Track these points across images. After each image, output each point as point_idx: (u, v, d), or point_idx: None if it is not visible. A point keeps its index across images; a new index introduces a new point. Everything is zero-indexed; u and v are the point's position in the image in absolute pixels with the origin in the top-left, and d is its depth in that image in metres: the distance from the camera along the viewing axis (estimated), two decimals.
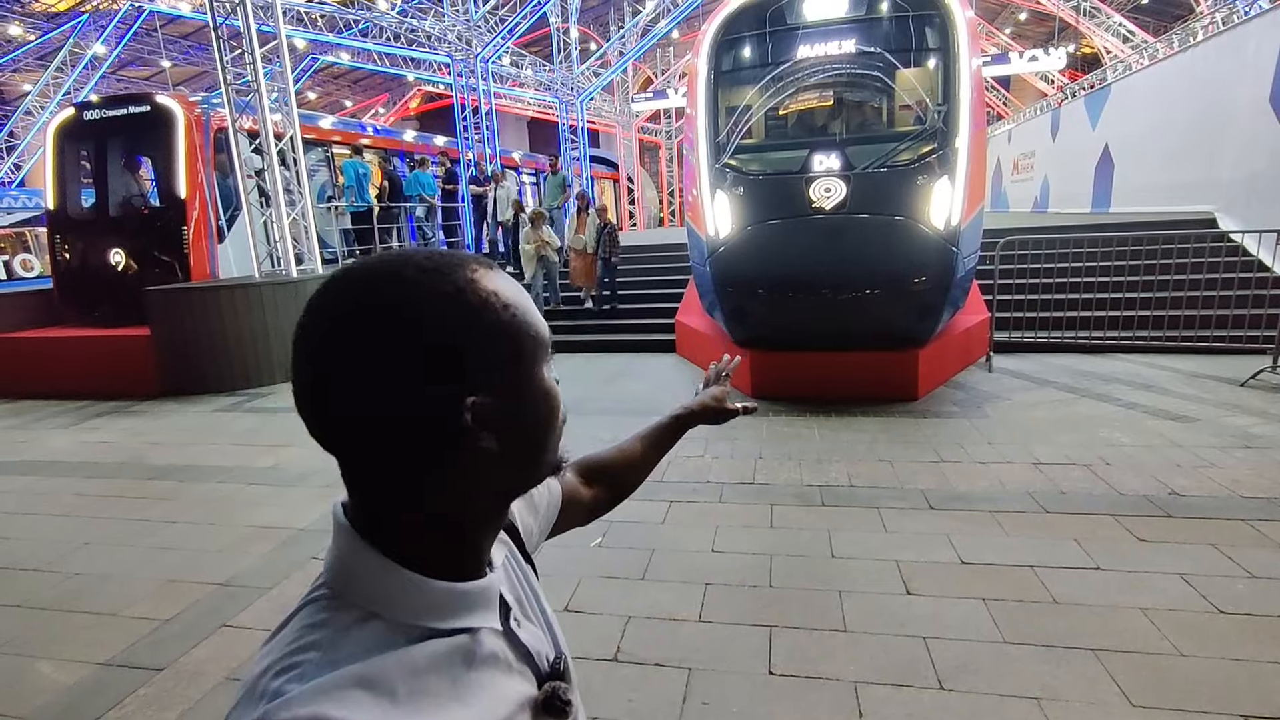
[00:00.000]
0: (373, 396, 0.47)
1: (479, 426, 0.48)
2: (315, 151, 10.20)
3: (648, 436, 1.03)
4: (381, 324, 0.47)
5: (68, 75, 16.51)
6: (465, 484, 0.51)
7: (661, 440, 1.04)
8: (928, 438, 4.50)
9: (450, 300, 0.48)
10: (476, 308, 0.49)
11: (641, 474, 1.02)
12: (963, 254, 5.20)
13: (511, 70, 18.32)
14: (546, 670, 0.59)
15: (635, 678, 2.30)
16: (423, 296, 0.47)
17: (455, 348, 0.48)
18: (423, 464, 0.49)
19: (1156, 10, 23.71)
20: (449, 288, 0.48)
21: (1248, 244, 6.73)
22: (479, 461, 0.50)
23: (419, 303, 0.47)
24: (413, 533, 0.52)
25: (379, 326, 0.47)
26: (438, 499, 0.51)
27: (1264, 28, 7.70)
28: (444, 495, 0.51)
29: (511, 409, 0.51)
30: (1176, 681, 2.14)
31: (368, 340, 0.46)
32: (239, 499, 4.08)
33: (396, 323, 0.47)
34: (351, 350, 0.47)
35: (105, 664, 2.53)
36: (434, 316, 0.47)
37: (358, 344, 0.47)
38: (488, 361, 0.49)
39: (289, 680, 0.44)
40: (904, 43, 5.66)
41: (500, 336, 0.50)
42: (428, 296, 0.47)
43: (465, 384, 0.48)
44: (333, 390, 0.48)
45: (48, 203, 8.63)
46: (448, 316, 0.48)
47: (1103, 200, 11.85)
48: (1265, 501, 3.32)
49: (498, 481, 0.54)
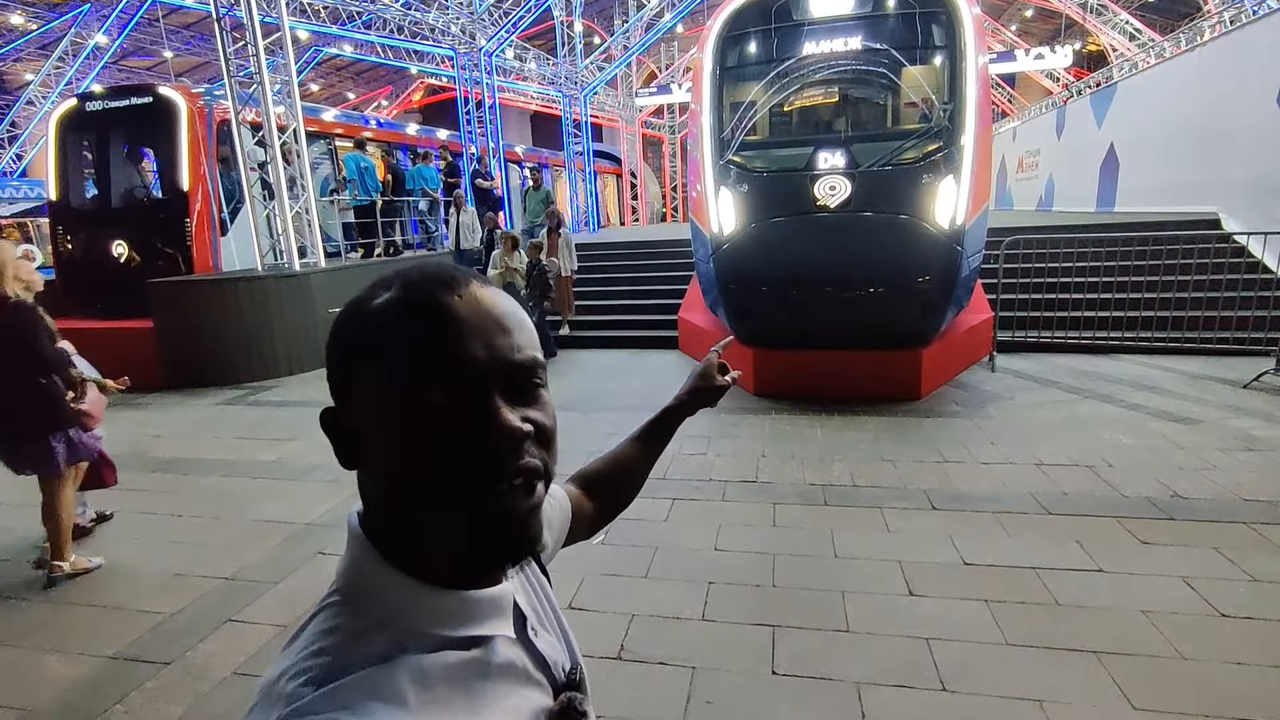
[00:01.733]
0: (338, 386, 0.53)
1: (359, 436, 0.51)
2: (318, 144, 10.17)
3: (641, 436, 1.03)
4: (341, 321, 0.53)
5: (70, 65, 16.46)
6: (376, 488, 0.53)
7: (656, 437, 1.03)
8: (930, 437, 4.50)
9: (373, 303, 0.51)
10: (376, 313, 0.50)
11: (640, 477, 1.01)
12: (967, 253, 5.19)
13: (515, 64, 18.24)
14: (562, 680, 0.59)
15: (639, 676, 2.32)
16: (368, 296, 0.52)
17: (348, 349, 0.51)
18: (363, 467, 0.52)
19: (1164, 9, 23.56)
20: (382, 292, 0.51)
21: (1252, 246, 6.72)
22: (379, 473, 0.52)
23: (363, 300, 0.52)
24: (418, 542, 0.52)
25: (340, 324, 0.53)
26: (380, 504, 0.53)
27: (1272, 28, 7.66)
28: (377, 500, 0.53)
29: (374, 427, 0.50)
30: (1178, 685, 2.15)
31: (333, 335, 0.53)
32: (244, 493, 4.09)
33: (343, 315, 0.52)
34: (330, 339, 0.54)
35: (112, 657, 2.54)
36: (356, 318, 0.51)
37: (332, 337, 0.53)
38: (364, 372, 0.50)
39: (303, 685, 0.45)
40: (910, 40, 5.63)
41: (370, 350, 0.50)
42: (369, 297, 0.52)
43: (352, 387, 0.51)
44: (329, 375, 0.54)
45: (50, 194, 8.61)
46: (361, 320, 0.51)
47: (1108, 199, 11.82)
48: (1267, 505, 3.32)
49: (390, 494, 0.52)
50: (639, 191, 24.68)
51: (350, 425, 0.52)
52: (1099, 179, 12.19)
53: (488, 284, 0.53)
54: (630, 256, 10.62)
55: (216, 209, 8.28)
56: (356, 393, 0.51)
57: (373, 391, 0.49)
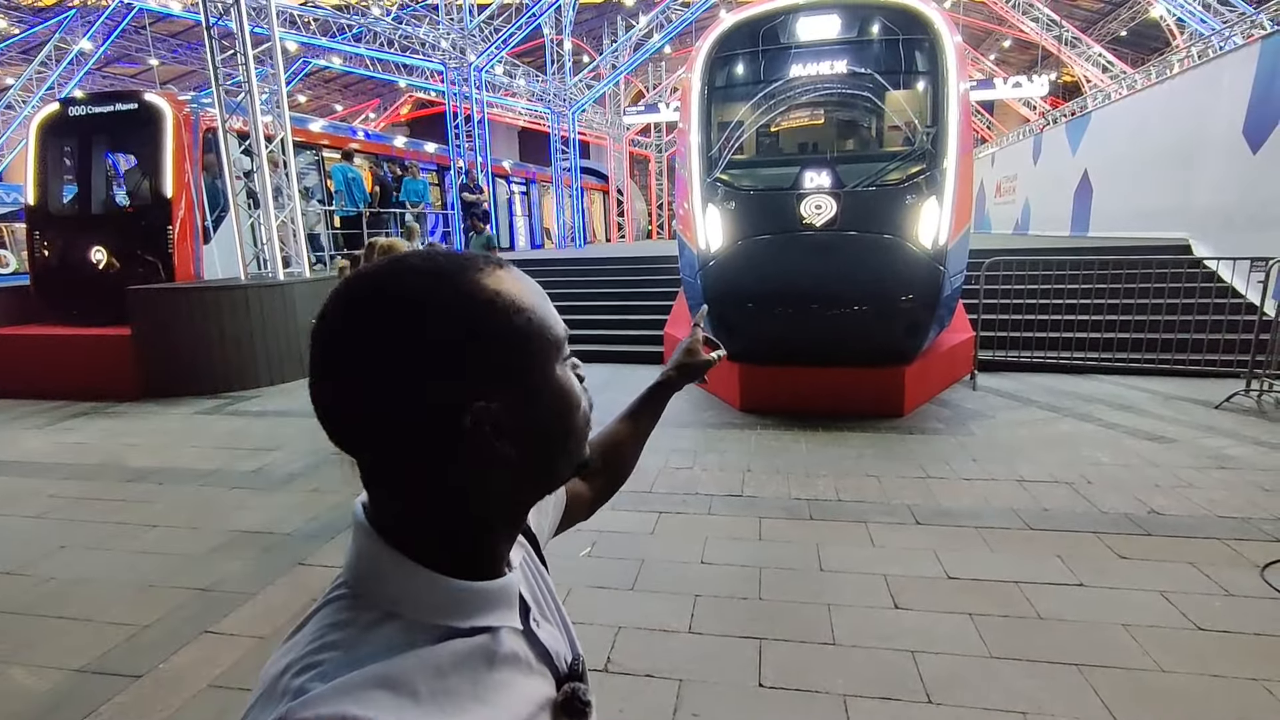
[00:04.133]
0: (376, 389, 0.47)
1: (488, 430, 0.49)
2: (304, 155, 10.14)
3: (633, 412, 1.04)
4: (387, 313, 0.47)
5: (52, 70, 16.29)
6: (478, 487, 0.51)
7: (646, 412, 1.04)
8: (914, 454, 4.55)
9: (458, 300, 0.48)
10: (484, 309, 0.49)
11: (634, 455, 1.02)
12: (949, 273, 5.29)
13: (504, 80, 18.38)
14: (565, 671, 0.59)
15: (626, 688, 2.29)
16: (432, 293, 0.48)
17: (459, 348, 0.48)
18: (431, 465, 0.49)
19: (1135, 43, 24.45)
20: (460, 287, 0.49)
21: (1221, 271, 6.92)
22: (491, 464, 0.50)
23: (426, 298, 0.48)
24: (431, 533, 0.52)
25: (385, 316, 0.47)
26: (452, 501, 0.51)
27: (1238, 62, 7.97)
28: (457, 497, 0.51)
29: (523, 412, 0.51)
30: (1158, 696, 2.18)
31: (373, 329, 0.47)
32: (221, 503, 4.01)
33: (402, 314, 0.47)
34: (357, 339, 0.48)
35: (80, 670, 2.46)
36: (439, 313, 0.48)
37: (365, 333, 0.47)
38: (493, 364, 0.49)
39: (311, 679, 0.44)
40: (894, 65, 5.78)
41: (508, 340, 0.50)
42: (437, 293, 0.48)
43: (469, 385, 0.48)
44: (339, 380, 0.49)
45: (28, 198, 8.47)
46: (454, 315, 0.48)
47: (1081, 224, 12.12)
48: (1240, 521, 3.40)
49: (514, 484, 0.53)
50: (625, 208, 24.86)
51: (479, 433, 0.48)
52: (1073, 204, 12.51)
53: None
54: (616, 272, 10.66)
55: (200, 217, 8.20)
56: (486, 386, 0.49)
57: (539, 377, 0.53)
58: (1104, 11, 24.00)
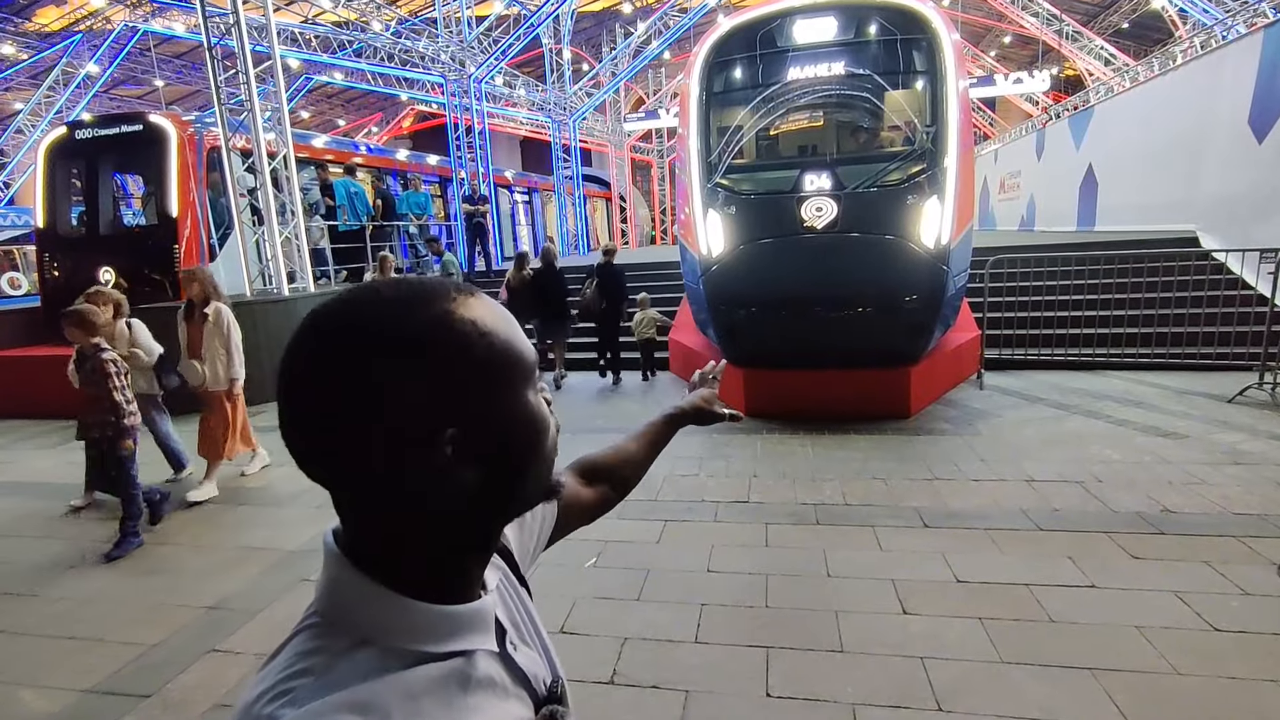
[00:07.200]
0: (343, 419, 0.47)
1: (459, 458, 0.49)
2: (308, 170, 10.23)
3: (643, 435, 1.07)
4: (355, 344, 0.47)
5: (60, 94, 16.51)
6: (448, 512, 0.51)
7: (656, 439, 1.09)
8: (920, 455, 4.51)
9: (428, 329, 0.48)
10: (454, 338, 0.48)
11: (640, 471, 1.06)
12: (953, 272, 5.26)
13: (505, 90, 18.49)
14: (544, 694, 0.59)
15: (632, 700, 2.27)
16: (402, 322, 0.48)
17: (428, 377, 0.47)
18: (401, 493, 0.49)
19: (1137, 35, 24.30)
20: (424, 316, 0.48)
21: (1230, 263, 6.84)
22: (462, 491, 0.50)
23: (396, 328, 0.47)
24: (402, 558, 0.52)
25: (353, 346, 0.47)
26: (421, 526, 0.51)
27: (1241, 51, 7.89)
28: (427, 523, 0.51)
29: (494, 439, 0.51)
30: (1174, 700, 2.14)
31: (340, 360, 0.47)
32: (227, 520, 4.03)
33: (370, 344, 0.47)
34: (323, 371, 0.47)
35: (89, 691, 2.47)
36: (409, 343, 0.47)
37: (331, 363, 0.47)
38: (463, 392, 0.49)
39: (281, 706, 0.44)
40: (892, 65, 5.76)
41: (478, 368, 0.49)
42: (408, 322, 0.48)
43: (439, 413, 0.48)
44: (305, 412, 0.48)
45: (37, 221, 8.59)
46: (423, 345, 0.47)
47: (1087, 219, 12.03)
48: (1257, 518, 3.34)
49: (483, 510, 0.53)
50: (628, 215, 24.91)
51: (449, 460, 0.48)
52: (1079, 199, 12.42)
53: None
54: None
55: (205, 235, 8.27)
56: (453, 414, 0.48)
57: (507, 405, 0.52)
58: (1105, 4, 23.89)
